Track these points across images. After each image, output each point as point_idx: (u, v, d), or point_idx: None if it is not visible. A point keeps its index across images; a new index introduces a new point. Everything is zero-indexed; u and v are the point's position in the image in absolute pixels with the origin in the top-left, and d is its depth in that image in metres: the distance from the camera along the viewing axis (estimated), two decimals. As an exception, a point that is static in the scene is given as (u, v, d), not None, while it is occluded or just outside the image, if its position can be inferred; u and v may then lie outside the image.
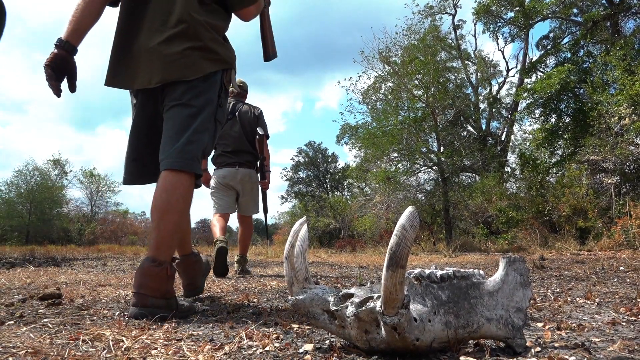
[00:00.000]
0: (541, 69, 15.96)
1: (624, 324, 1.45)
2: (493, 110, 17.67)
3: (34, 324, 1.39)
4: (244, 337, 1.21)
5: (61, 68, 1.66)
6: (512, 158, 16.06)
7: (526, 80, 15.45)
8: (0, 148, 51.30)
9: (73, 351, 1.03)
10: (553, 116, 12.97)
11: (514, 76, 18.19)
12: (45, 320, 1.46)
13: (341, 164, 32.47)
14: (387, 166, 15.15)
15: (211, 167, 4.16)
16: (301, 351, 1.08)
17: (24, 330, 1.29)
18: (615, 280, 2.93)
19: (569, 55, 14.81)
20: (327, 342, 1.16)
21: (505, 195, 11.29)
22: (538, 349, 1.10)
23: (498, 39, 17.61)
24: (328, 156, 33.42)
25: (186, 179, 1.69)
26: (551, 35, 17.00)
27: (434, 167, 14.38)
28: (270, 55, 2.20)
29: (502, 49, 28.49)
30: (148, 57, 1.74)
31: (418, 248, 9.64)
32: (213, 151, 3.35)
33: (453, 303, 1.04)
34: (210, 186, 4.08)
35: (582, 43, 14.20)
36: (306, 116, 66.73)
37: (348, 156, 60.40)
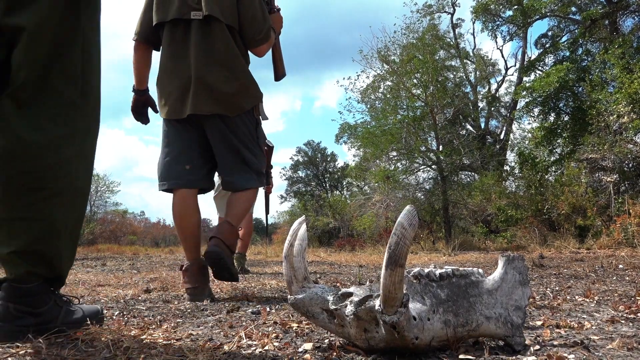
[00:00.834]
0: (540, 68, 15.95)
1: (623, 322, 1.45)
2: (492, 108, 17.67)
3: (34, 324, 1.38)
4: (244, 337, 1.21)
5: (141, 106, 2.33)
6: (511, 156, 16.03)
7: (525, 78, 15.42)
8: (-2, 148, 51.10)
9: (73, 351, 1.03)
10: (552, 114, 12.97)
11: (513, 75, 18.19)
12: (44, 320, 1.45)
13: (340, 163, 32.47)
14: (386, 165, 15.15)
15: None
16: (300, 350, 1.08)
17: (24, 330, 1.29)
18: (614, 278, 2.93)
19: (568, 53, 14.82)
20: (327, 341, 1.16)
21: (504, 193, 11.28)
22: (537, 347, 1.10)
23: (497, 38, 17.61)
24: (327, 155, 33.39)
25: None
26: (550, 33, 17.04)
27: (433, 166, 14.37)
28: (280, 75, 2.46)
29: (501, 48, 28.65)
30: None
31: (417, 247, 9.65)
32: None
33: (452, 301, 1.04)
34: (214, 189, 4.08)
35: (581, 41, 14.20)
36: (305, 115, 66.62)
37: (347, 155, 60.38)
